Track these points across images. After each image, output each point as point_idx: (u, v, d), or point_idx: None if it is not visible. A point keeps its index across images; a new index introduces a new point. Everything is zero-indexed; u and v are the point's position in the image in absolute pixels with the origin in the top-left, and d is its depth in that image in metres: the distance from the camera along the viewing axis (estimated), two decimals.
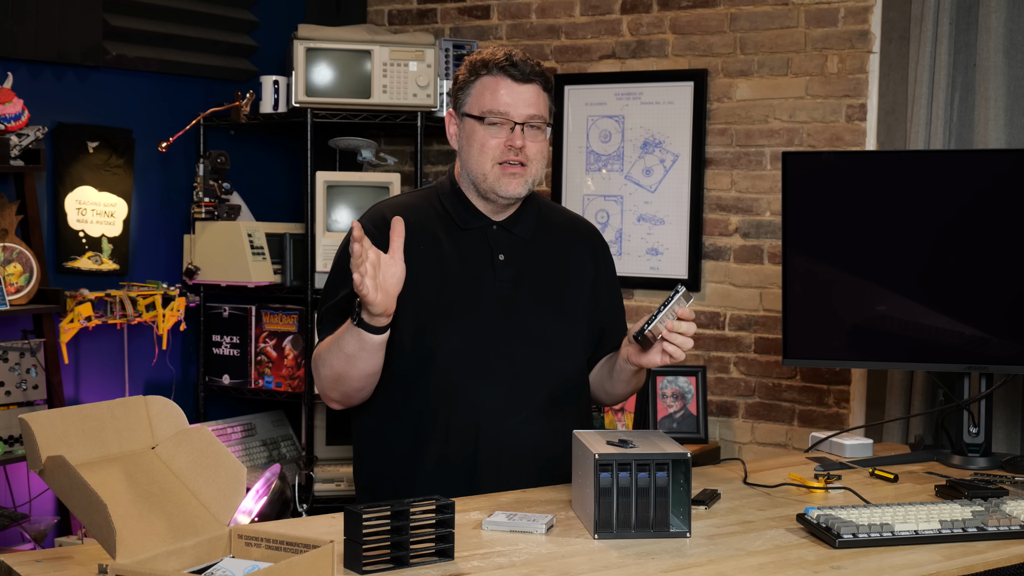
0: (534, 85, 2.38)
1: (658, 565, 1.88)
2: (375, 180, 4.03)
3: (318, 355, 2.35)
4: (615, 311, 2.58)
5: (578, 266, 2.51)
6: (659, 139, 4.00)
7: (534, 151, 2.37)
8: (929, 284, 2.87)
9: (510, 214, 2.46)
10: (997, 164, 2.92)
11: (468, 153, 2.39)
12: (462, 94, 2.41)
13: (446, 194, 2.46)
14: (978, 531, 2.08)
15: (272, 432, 4.29)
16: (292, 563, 1.62)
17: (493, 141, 2.35)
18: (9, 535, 3.48)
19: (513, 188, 2.36)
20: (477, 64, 2.40)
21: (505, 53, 2.38)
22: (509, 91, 2.36)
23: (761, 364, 3.85)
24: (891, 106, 3.52)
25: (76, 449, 1.69)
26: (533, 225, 2.48)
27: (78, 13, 3.69)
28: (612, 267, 2.60)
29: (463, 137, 2.41)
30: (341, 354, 2.27)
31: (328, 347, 2.32)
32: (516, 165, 2.35)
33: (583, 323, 2.49)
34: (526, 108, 2.36)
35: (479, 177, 2.38)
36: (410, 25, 4.50)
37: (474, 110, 2.38)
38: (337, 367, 2.29)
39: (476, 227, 2.43)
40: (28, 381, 3.49)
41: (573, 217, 2.63)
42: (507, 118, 2.35)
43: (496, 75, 2.37)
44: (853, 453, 2.83)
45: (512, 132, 2.35)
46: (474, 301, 2.39)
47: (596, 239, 2.59)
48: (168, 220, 4.10)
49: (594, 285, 2.52)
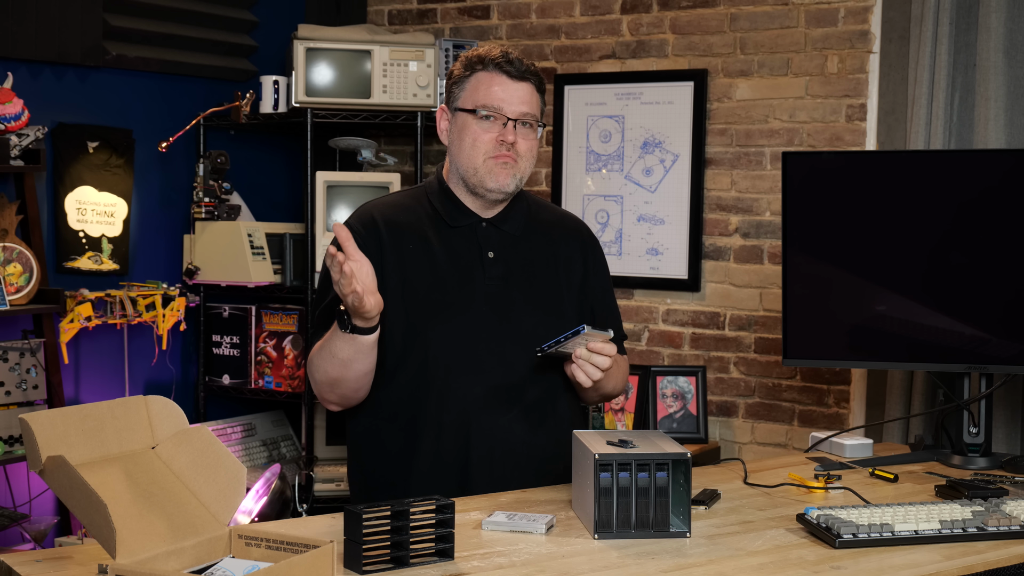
0: (528, 84, 2.39)
1: (658, 565, 1.88)
2: (375, 180, 4.03)
3: (311, 362, 2.36)
4: (605, 307, 2.57)
5: (567, 262, 2.50)
6: (659, 139, 4.00)
7: (525, 148, 2.38)
8: (929, 284, 2.87)
9: (499, 211, 2.45)
10: (997, 164, 2.92)
11: (459, 147, 2.39)
12: (456, 88, 2.42)
13: (434, 193, 2.46)
14: (978, 531, 2.08)
15: (272, 432, 4.29)
16: (292, 563, 1.62)
17: (485, 136, 2.36)
18: (9, 535, 3.49)
19: (502, 180, 2.36)
20: (472, 60, 2.41)
21: (501, 50, 2.40)
22: (503, 87, 2.37)
23: (761, 364, 3.85)
24: (891, 106, 3.52)
25: (76, 449, 1.69)
26: (522, 222, 2.48)
27: (78, 13, 3.69)
28: (602, 263, 2.59)
29: (454, 132, 2.41)
30: (335, 360, 2.28)
31: (320, 353, 2.32)
32: (506, 157, 2.36)
33: (573, 319, 2.48)
34: (520, 105, 2.37)
35: (469, 171, 2.38)
36: (410, 25, 4.50)
37: (467, 104, 2.38)
38: (333, 372, 2.30)
39: (465, 224, 2.43)
40: (28, 381, 3.49)
41: (562, 214, 2.62)
42: (500, 113, 2.36)
43: (491, 71, 2.38)
44: (853, 453, 2.83)
45: (504, 128, 2.36)
46: (464, 299, 2.39)
47: (585, 235, 2.58)
48: (168, 220, 4.10)
49: (583, 281, 2.52)
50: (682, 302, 3.99)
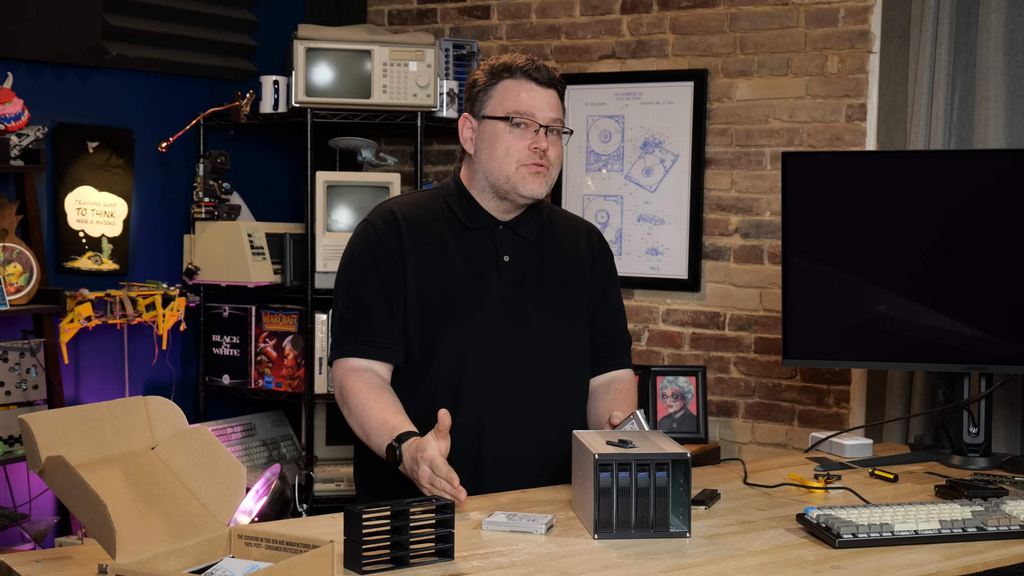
0: (554, 91, 2.43)
1: (658, 565, 1.88)
2: (375, 180, 4.03)
3: (344, 402, 2.37)
4: (614, 313, 2.58)
5: (578, 267, 2.52)
6: (659, 139, 4.00)
7: (555, 155, 2.41)
8: (929, 284, 2.87)
9: (516, 215, 2.47)
10: (997, 164, 2.92)
11: (490, 155, 2.40)
12: (482, 96, 2.43)
13: (452, 195, 2.48)
14: (978, 531, 2.08)
15: (272, 432, 4.29)
16: (292, 563, 1.62)
17: (518, 143, 2.38)
18: (9, 535, 3.49)
19: (536, 188, 2.39)
20: (499, 68, 2.42)
21: (527, 58, 2.43)
22: (533, 94, 2.39)
23: (761, 364, 3.85)
24: (891, 106, 3.52)
25: (76, 449, 1.69)
26: (537, 227, 2.50)
27: (78, 13, 3.69)
28: (612, 269, 2.61)
29: (483, 140, 2.42)
30: (363, 433, 2.34)
31: (352, 415, 2.35)
32: (539, 166, 2.38)
33: (584, 323, 2.50)
34: (550, 112, 2.40)
35: (501, 179, 2.39)
36: (410, 25, 4.50)
37: (498, 112, 2.39)
38: (359, 434, 2.36)
39: (483, 227, 2.45)
40: (28, 381, 3.49)
41: (575, 220, 2.64)
42: (533, 120, 2.38)
43: (520, 79, 2.40)
44: (853, 453, 2.83)
45: (536, 135, 2.38)
46: (478, 301, 2.40)
47: (596, 241, 2.60)
48: (168, 220, 4.10)
49: (592, 286, 2.53)
50: (682, 302, 3.99)
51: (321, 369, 3.96)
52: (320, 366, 3.96)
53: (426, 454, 2.12)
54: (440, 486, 2.09)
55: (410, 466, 2.17)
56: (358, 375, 2.36)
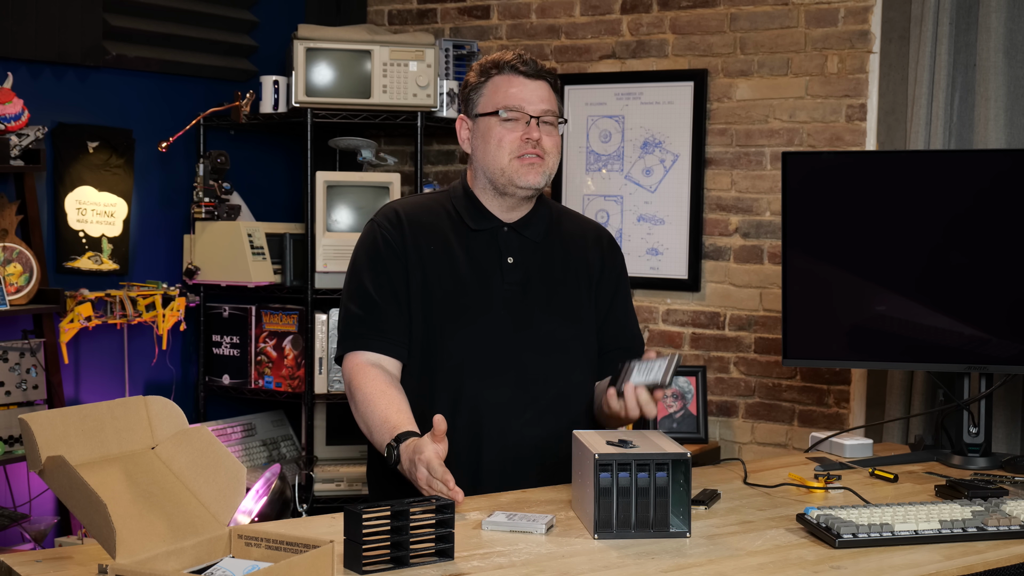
0: (544, 82, 2.44)
1: (658, 565, 1.88)
2: (375, 180, 4.03)
3: (352, 397, 2.38)
4: (625, 317, 2.57)
5: (586, 269, 2.52)
6: (659, 139, 4.00)
7: (550, 145, 2.42)
8: (929, 284, 2.87)
9: (522, 216, 2.47)
10: (997, 164, 2.92)
11: (484, 151, 2.41)
12: (474, 95, 2.45)
13: (458, 197, 2.49)
14: (978, 531, 2.08)
15: (272, 432, 4.29)
16: (292, 563, 1.62)
17: (510, 136, 2.39)
18: (9, 535, 3.48)
19: (532, 178, 2.39)
20: (487, 65, 2.45)
21: (515, 53, 2.45)
22: (521, 87, 2.41)
23: (761, 364, 3.85)
24: (891, 106, 3.52)
25: (76, 449, 1.69)
26: (543, 229, 2.49)
27: (78, 13, 3.69)
28: (623, 271, 2.60)
29: (477, 137, 2.43)
30: (366, 430, 2.35)
31: (358, 410, 2.36)
32: (534, 156, 2.39)
33: (589, 326, 2.50)
34: (540, 103, 2.41)
35: (496, 172, 2.40)
36: (410, 25, 4.50)
37: (488, 107, 2.41)
38: (363, 430, 2.37)
39: (487, 228, 2.45)
40: (28, 381, 3.49)
41: (586, 222, 2.64)
42: (522, 111, 2.39)
43: (508, 73, 2.42)
44: (853, 453, 2.83)
45: (528, 126, 2.39)
46: (482, 303, 2.40)
47: (607, 244, 2.59)
48: (168, 220, 4.10)
49: (600, 288, 2.53)
50: (682, 302, 3.99)
51: (321, 369, 3.96)
52: (320, 366, 3.96)
53: (423, 456, 2.13)
54: (436, 487, 2.10)
55: (408, 467, 2.17)
56: (367, 370, 2.37)
